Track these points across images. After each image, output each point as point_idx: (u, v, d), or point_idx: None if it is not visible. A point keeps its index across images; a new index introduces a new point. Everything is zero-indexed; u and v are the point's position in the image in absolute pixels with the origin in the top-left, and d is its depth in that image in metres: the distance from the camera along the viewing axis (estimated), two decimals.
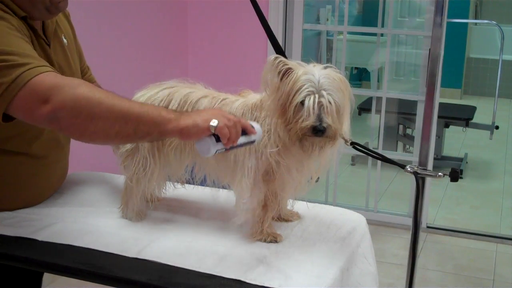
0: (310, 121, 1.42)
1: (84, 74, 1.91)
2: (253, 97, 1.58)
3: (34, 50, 1.45)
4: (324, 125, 1.42)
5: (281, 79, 1.45)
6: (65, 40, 1.75)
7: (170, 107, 1.60)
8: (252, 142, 1.46)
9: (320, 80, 1.44)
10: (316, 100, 1.42)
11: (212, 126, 1.33)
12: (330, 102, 1.43)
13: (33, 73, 1.31)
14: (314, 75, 1.44)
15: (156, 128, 1.33)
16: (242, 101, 1.58)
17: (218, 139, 1.36)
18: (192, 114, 1.37)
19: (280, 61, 1.45)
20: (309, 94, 1.42)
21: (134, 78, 3.28)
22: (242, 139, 1.41)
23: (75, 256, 1.48)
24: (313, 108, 1.42)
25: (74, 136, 1.37)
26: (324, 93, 1.43)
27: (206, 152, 1.37)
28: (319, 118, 1.42)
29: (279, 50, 1.65)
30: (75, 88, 1.30)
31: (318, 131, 1.42)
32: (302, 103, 1.43)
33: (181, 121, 1.33)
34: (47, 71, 1.33)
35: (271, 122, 1.50)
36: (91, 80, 1.94)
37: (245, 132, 1.41)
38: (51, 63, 1.61)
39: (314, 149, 1.48)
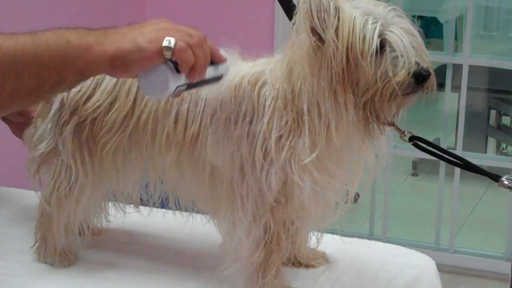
0: (406, 65, 1.11)
1: None
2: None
3: None
4: (425, 66, 1.13)
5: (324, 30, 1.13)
6: None
7: None
8: (220, 78, 1.13)
9: (381, 11, 1.15)
10: (402, 31, 1.13)
11: (168, 47, 0.99)
12: (414, 34, 1.15)
13: None
14: (369, 7, 1.15)
15: (70, 67, 1.00)
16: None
17: (177, 68, 1.02)
18: (127, 32, 1.01)
19: None
20: (386, 27, 1.13)
21: None
22: (209, 71, 1.07)
23: None
24: (403, 43, 1.12)
25: None
26: (403, 21, 1.16)
27: (161, 91, 1.02)
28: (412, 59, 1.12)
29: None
30: None
31: (425, 78, 1.11)
32: (381, 46, 1.11)
33: (108, 44, 1.00)
34: None
35: (295, 118, 1.14)
36: None
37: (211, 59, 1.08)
38: None
39: (383, 127, 1.17)
